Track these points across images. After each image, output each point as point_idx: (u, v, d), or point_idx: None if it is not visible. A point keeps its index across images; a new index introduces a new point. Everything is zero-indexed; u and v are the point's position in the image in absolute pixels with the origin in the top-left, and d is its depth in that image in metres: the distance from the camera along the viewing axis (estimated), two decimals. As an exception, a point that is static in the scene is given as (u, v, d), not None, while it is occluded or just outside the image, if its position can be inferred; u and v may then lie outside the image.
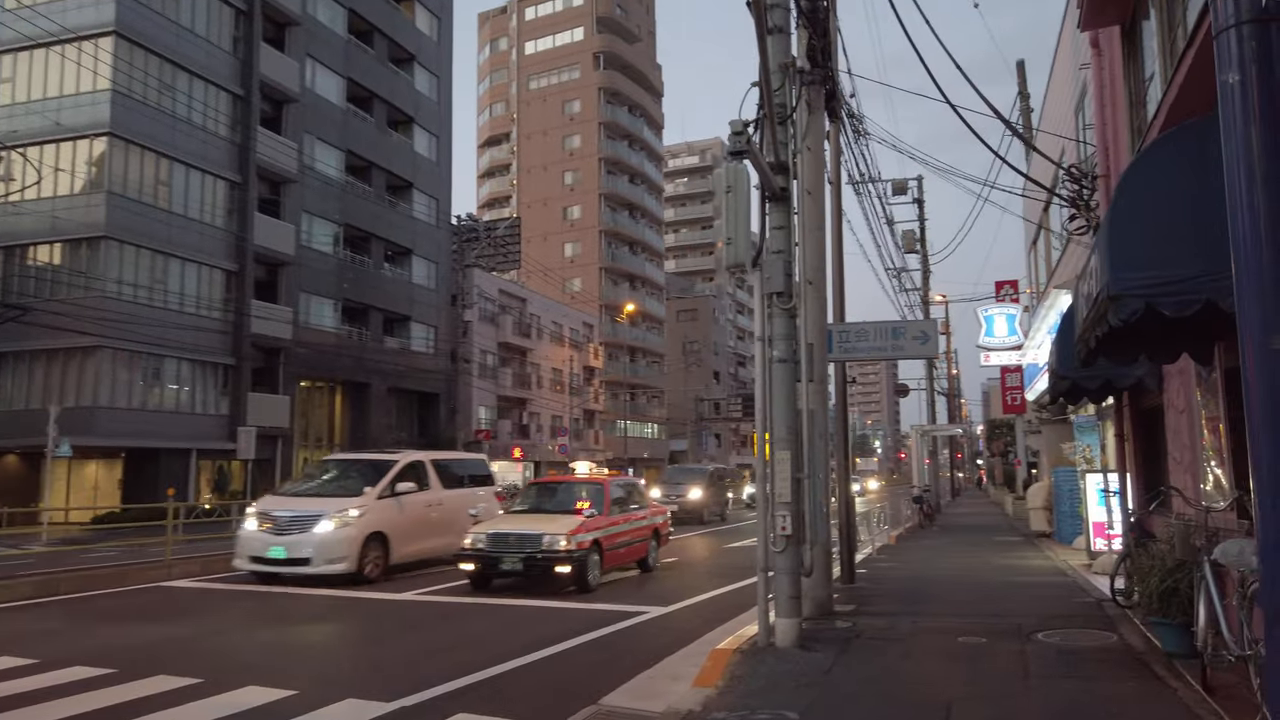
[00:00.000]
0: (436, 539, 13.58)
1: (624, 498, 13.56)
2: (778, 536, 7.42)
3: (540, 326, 54.16)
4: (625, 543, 12.81)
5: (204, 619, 9.58)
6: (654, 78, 76.58)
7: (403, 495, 13.23)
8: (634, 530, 13.25)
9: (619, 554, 12.60)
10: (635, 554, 13.35)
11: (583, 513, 12.03)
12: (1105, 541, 12.45)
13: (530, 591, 11.58)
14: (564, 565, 11.13)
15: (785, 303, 7.73)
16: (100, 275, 26.27)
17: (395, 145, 40.77)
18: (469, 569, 11.57)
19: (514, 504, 13.96)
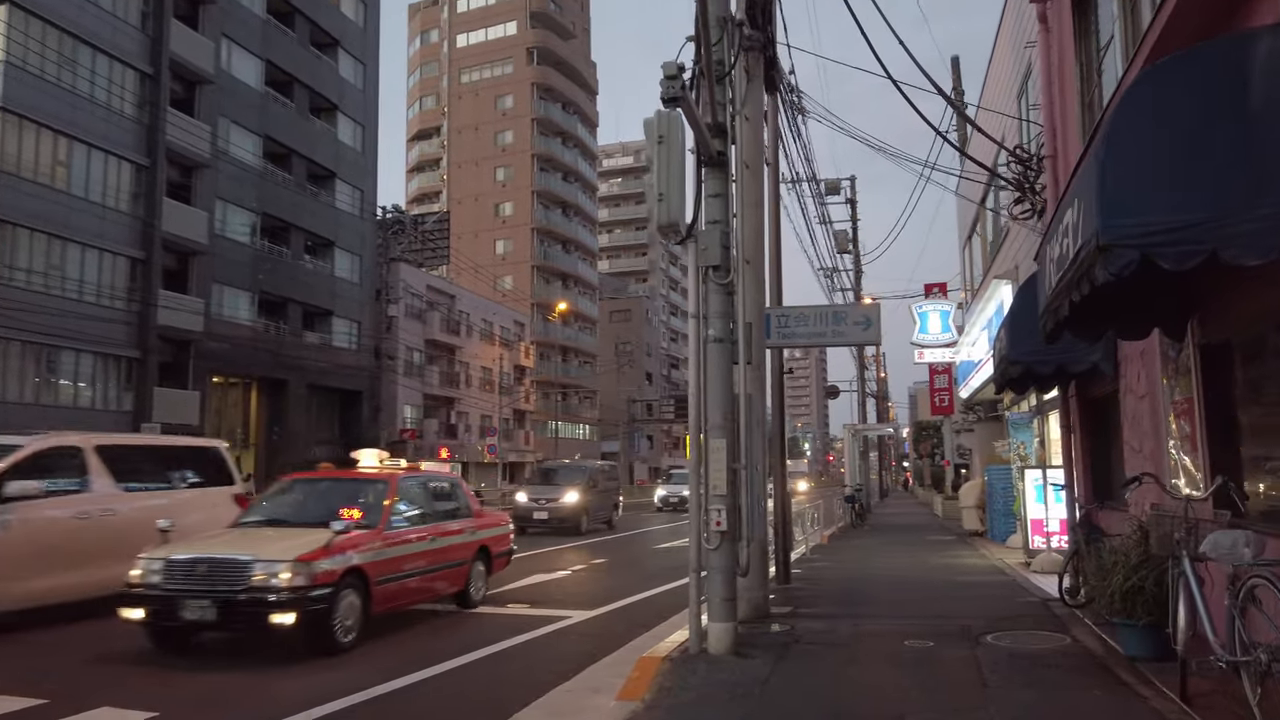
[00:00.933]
0: (93, 569, 8.41)
1: (427, 502, 9.37)
2: (712, 532, 6.77)
3: (470, 324, 52.92)
4: (422, 570, 8.56)
5: None
6: (588, 75, 75.86)
7: (15, 502, 8.18)
8: (440, 551, 8.94)
9: (410, 587, 8.40)
10: (442, 585, 9.08)
11: (338, 525, 7.43)
12: (1043, 539, 12.15)
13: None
14: (285, 612, 6.76)
15: (722, 277, 7.09)
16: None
17: (318, 133, 39.21)
18: (134, 616, 7.04)
19: (248, 512, 9.08)
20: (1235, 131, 3.43)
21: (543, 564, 14.52)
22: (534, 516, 21.01)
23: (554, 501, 21.44)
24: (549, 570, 13.61)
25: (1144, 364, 6.30)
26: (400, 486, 8.82)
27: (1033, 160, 9.62)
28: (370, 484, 8.89)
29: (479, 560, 9.85)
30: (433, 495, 9.65)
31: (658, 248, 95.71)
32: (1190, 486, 5.45)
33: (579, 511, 21.47)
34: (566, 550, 16.82)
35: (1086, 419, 8.71)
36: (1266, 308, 4.52)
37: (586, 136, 74.53)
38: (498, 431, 51.81)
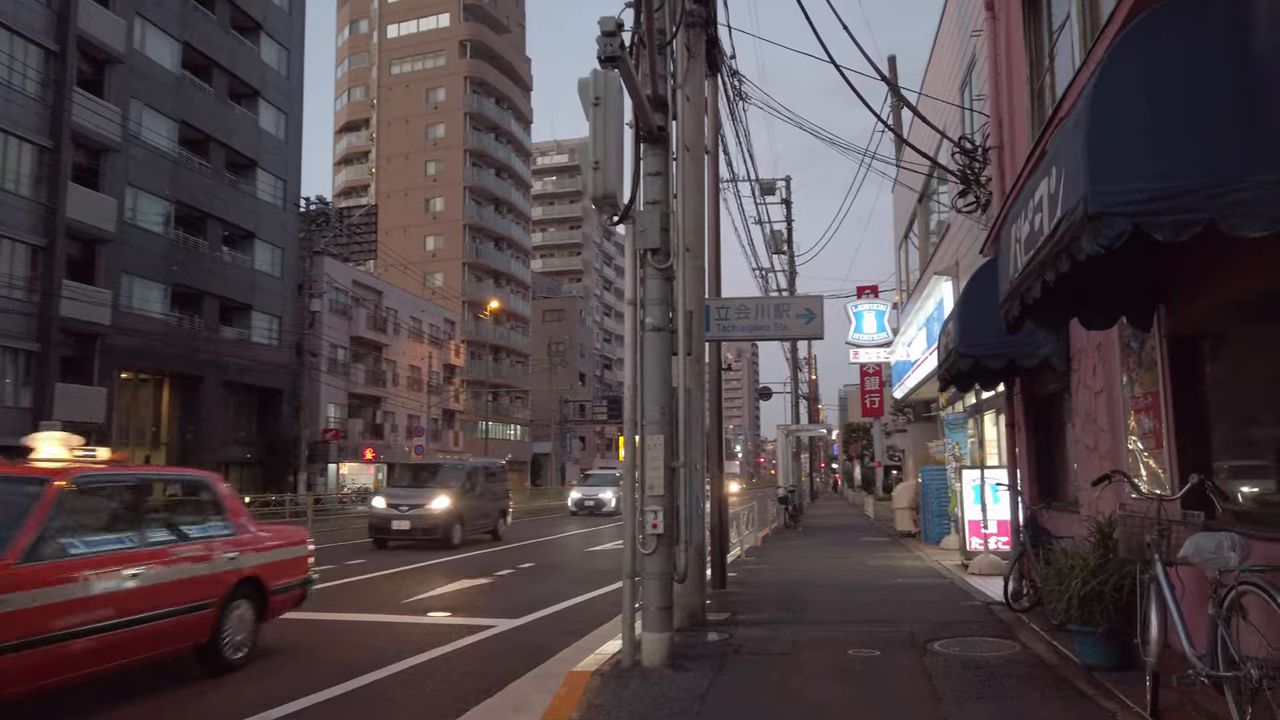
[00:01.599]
0: None
1: (135, 516, 6.13)
2: (648, 536, 6.29)
3: (397, 321, 51.55)
4: (112, 623, 5.48)
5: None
6: (523, 70, 74.87)
7: None
8: (154, 590, 5.85)
9: (81, 651, 5.28)
10: (164, 640, 5.98)
11: None
12: (981, 541, 11.98)
13: (363, 605, 10.07)
14: None
15: (661, 262, 6.62)
16: None
17: (238, 120, 37.63)
18: None
19: None
20: (1237, 87, 3.08)
21: (449, 572, 13.87)
22: (393, 526, 17.41)
23: (419, 508, 17.41)
24: (473, 576, 12.98)
25: (1100, 358, 6.03)
26: (66, 493, 5.56)
27: (978, 152, 9.39)
28: (12, 487, 5.64)
29: (242, 599, 6.77)
30: (150, 506, 6.49)
31: (592, 247, 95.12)
32: (1154, 486, 5.16)
33: (450, 520, 17.55)
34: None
35: (1032, 417, 8.49)
36: (1243, 295, 4.23)
37: (520, 133, 73.50)
38: (425, 431, 50.60)
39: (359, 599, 10.68)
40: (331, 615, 9.30)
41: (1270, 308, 4.13)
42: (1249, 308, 4.32)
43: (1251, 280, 4.16)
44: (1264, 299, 4.09)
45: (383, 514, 17.64)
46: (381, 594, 11.13)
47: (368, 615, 9.34)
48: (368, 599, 10.65)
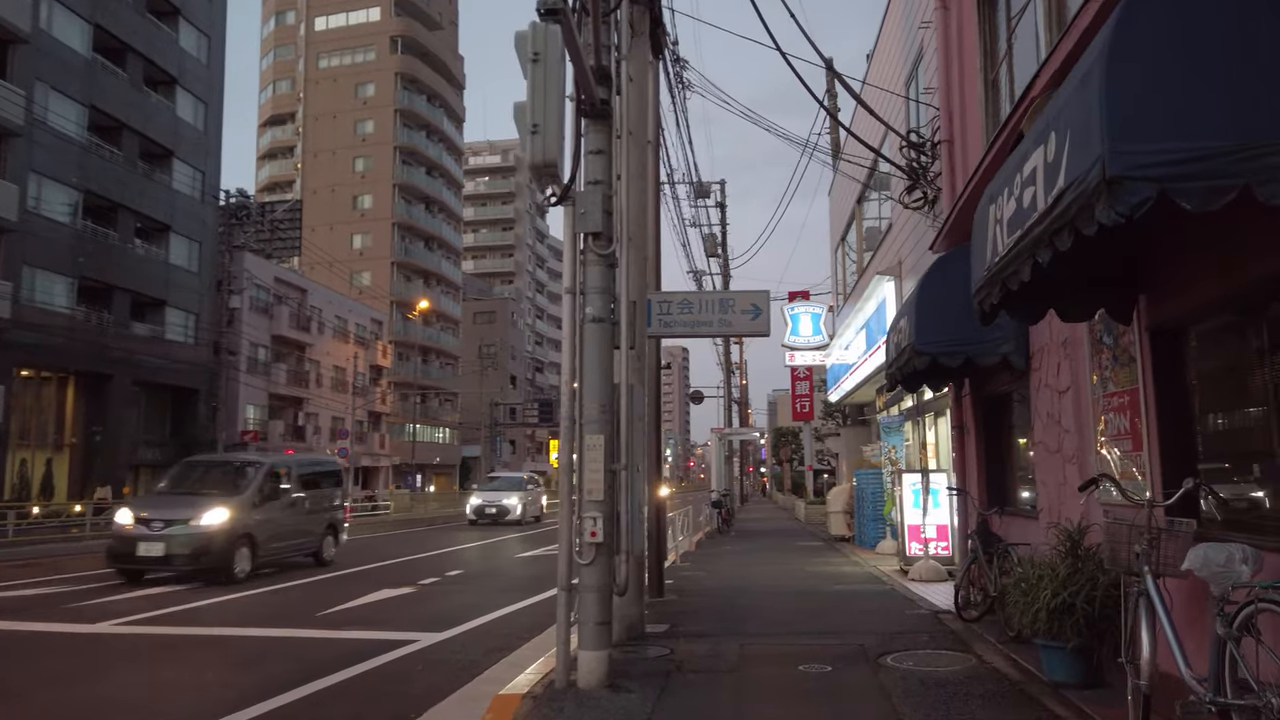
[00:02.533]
0: None
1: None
2: (585, 545, 5.77)
3: (322, 320, 49.94)
4: None
5: None
6: (455, 68, 73.61)
7: None
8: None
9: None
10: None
11: None
12: (920, 546, 11.75)
13: (275, 620, 9.33)
14: None
15: (603, 247, 6.12)
16: None
17: (153, 107, 35.88)
18: None
19: None
20: (1275, 39, 2.72)
21: (377, 579, 13.11)
22: (140, 552, 12.02)
23: (184, 524, 12.07)
24: (395, 585, 12.25)
25: (1067, 355, 5.73)
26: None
27: (926, 146, 9.13)
28: None
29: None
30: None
31: (525, 249, 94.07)
32: (1133, 491, 4.83)
33: (227, 542, 12.22)
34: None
35: (982, 419, 8.23)
36: (1238, 281, 3.91)
37: (452, 131, 72.21)
38: (350, 434, 49.09)
39: (273, 611, 9.92)
40: (235, 630, 8.55)
41: (1268, 295, 3.82)
42: (1244, 296, 4.00)
43: (1247, 264, 3.84)
44: (1261, 285, 3.77)
45: (129, 534, 12.22)
46: (295, 606, 10.37)
47: (282, 630, 8.60)
48: (283, 612, 9.89)
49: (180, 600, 10.65)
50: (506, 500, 28.05)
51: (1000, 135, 5.67)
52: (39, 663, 7.29)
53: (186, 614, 9.71)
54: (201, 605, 10.31)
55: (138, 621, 9.09)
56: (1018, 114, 5.17)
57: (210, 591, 11.50)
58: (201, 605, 10.31)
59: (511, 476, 32.87)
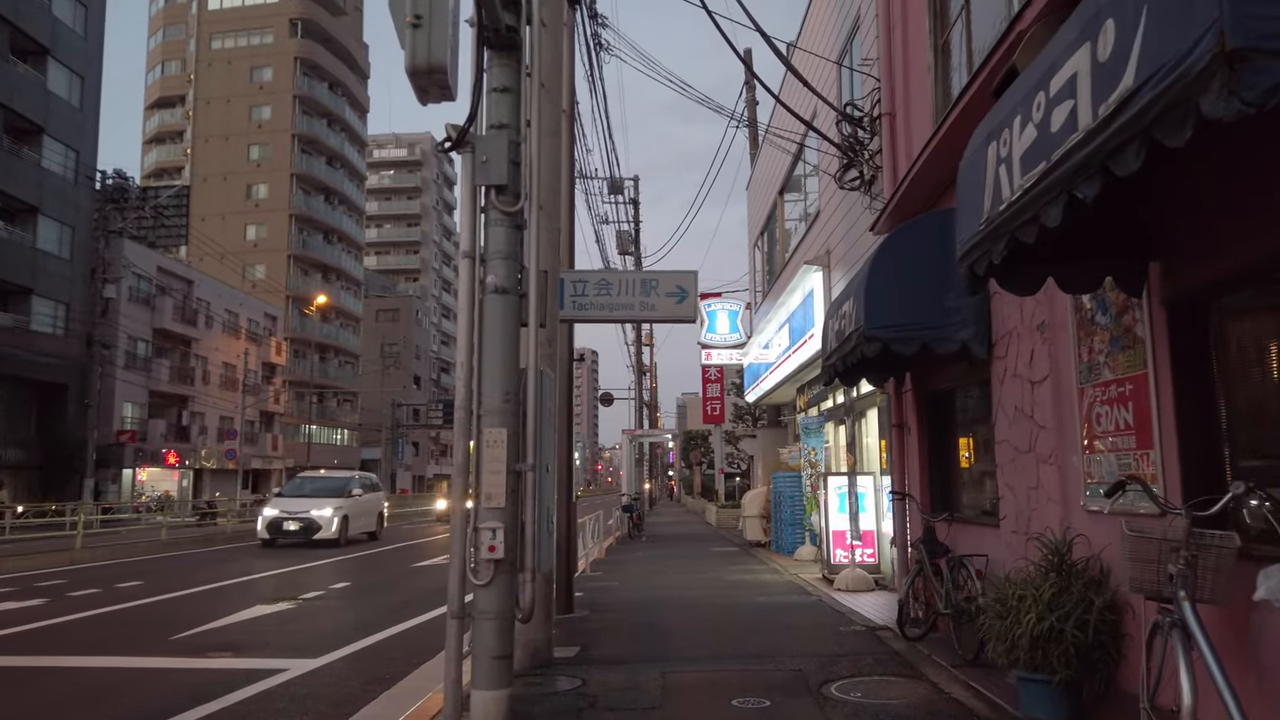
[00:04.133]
0: None
1: None
2: (482, 562, 4.75)
3: (210, 314, 47.08)
4: None
5: None
6: (359, 56, 70.97)
7: None
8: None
9: None
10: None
11: None
12: (846, 553, 11.08)
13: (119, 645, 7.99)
14: None
15: (508, 203, 5.12)
16: None
17: (21, 79, 32.98)
18: None
19: None
20: None
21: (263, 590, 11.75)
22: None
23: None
24: (271, 600, 10.92)
25: (1044, 339, 5.01)
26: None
27: (864, 120, 8.42)
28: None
29: None
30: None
31: (431, 246, 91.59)
32: (1144, 497, 4.09)
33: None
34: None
35: (926, 416, 7.53)
36: None
37: (355, 121, 69.53)
38: (239, 435, 46.39)
39: (121, 634, 8.54)
40: (76, 659, 7.19)
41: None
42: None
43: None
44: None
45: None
46: (153, 625, 8.99)
47: (125, 658, 7.28)
48: (132, 634, 8.51)
49: (13, 621, 9.14)
50: (317, 510, 20.11)
51: (974, 82, 4.91)
52: None
53: (17, 639, 8.26)
54: (32, 629, 8.84)
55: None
56: (1000, 51, 4.40)
57: (36, 612, 9.98)
58: (32, 629, 8.84)
59: (331, 477, 24.04)
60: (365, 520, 22.06)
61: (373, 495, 23.22)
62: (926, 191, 6.62)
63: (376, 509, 23.19)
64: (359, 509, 21.51)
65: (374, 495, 23.38)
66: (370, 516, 22.55)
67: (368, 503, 22.43)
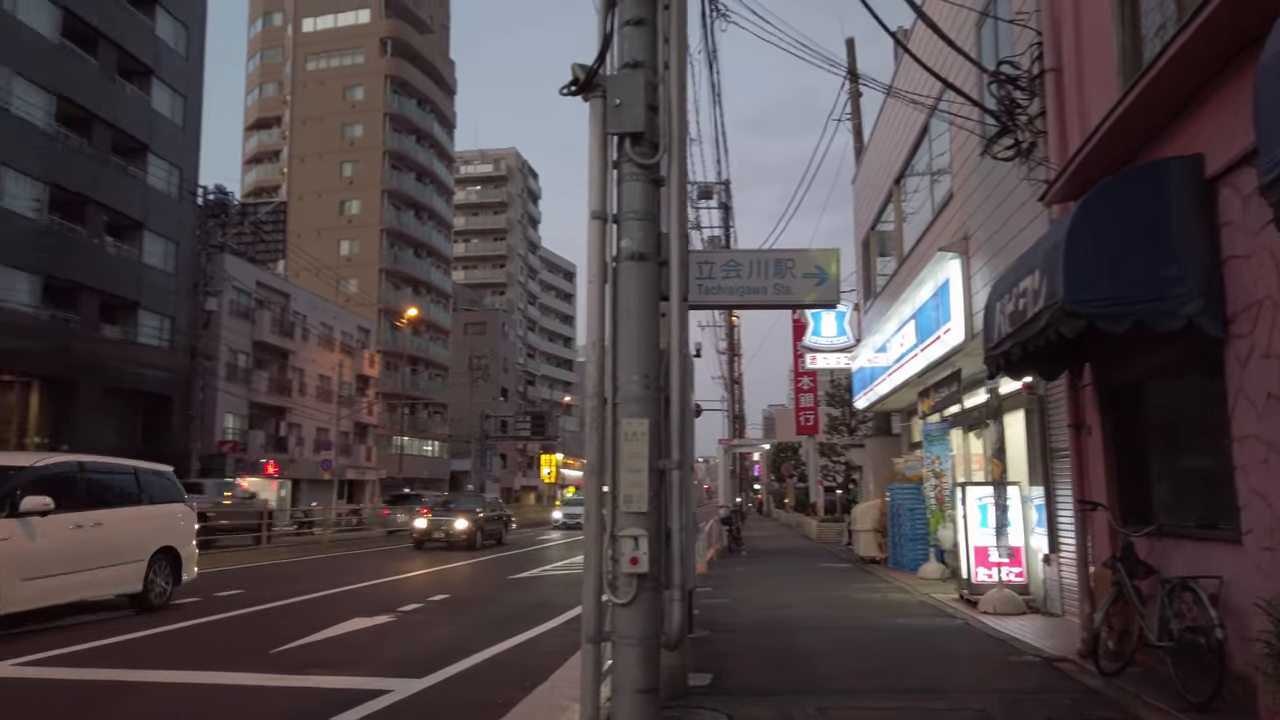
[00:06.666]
0: None
1: None
2: (623, 575, 3.98)
3: (306, 327, 48.00)
4: None
5: None
6: (446, 73, 72.06)
7: None
8: None
9: None
10: None
11: None
12: (989, 572, 9.97)
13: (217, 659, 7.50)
14: None
15: (646, 154, 4.37)
16: None
17: (127, 99, 34.04)
18: None
19: None
20: None
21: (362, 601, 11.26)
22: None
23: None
24: (370, 612, 10.39)
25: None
26: None
27: (1022, 79, 7.43)
28: None
29: None
30: None
31: (517, 260, 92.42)
32: None
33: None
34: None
35: (1112, 413, 6.48)
36: None
37: (443, 137, 70.56)
38: (335, 445, 47.07)
39: (220, 646, 8.08)
40: (172, 674, 6.69)
41: None
42: None
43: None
44: None
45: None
46: (252, 638, 8.53)
47: (223, 673, 6.76)
48: (232, 647, 8.04)
49: (118, 630, 8.79)
50: None
51: None
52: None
53: (117, 649, 7.88)
54: (133, 639, 8.46)
55: (51, 661, 7.26)
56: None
57: (131, 625, 9.64)
58: (133, 639, 8.46)
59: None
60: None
61: None
62: (1122, 147, 5.62)
63: None
64: None
65: None
66: None
67: None
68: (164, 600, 10.72)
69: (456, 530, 22.44)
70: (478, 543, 22.56)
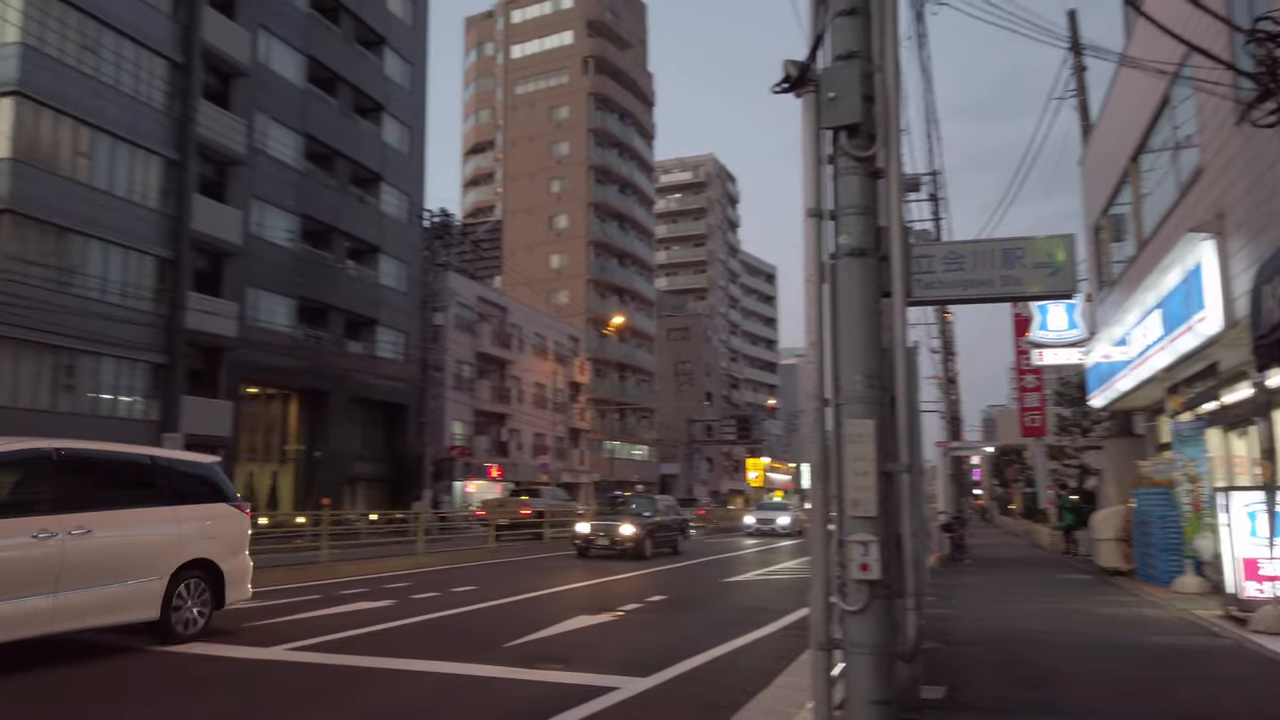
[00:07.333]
0: None
1: None
2: (852, 582, 3.86)
3: (522, 338, 50.56)
4: None
5: None
6: (645, 85, 73.68)
7: None
8: None
9: None
10: None
11: None
12: (1259, 586, 8.90)
13: (456, 649, 8.01)
14: None
15: (862, 146, 4.24)
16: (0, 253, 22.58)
17: (362, 133, 37.35)
18: None
19: None
20: None
21: (581, 600, 11.67)
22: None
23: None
24: (593, 610, 10.74)
25: None
26: None
27: (1289, 34, 6.57)
28: None
29: None
30: None
31: (717, 265, 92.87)
32: None
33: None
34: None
35: None
36: None
37: (643, 148, 72.21)
38: (551, 450, 49.24)
39: (458, 638, 8.63)
40: (416, 662, 7.21)
41: None
42: None
43: None
44: None
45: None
46: (486, 632, 9.05)
47: (462, 664, 7.19)
48: (468, 639, 8.56)
49: (366, 621, 9.61)
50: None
51: None
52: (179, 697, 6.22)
53: (366, 639, 8.59)
54: (380, 630, 9.19)
55: (313, 647, 8.01)
56: None
57: (385, 614, 10.44)
58: (380, 630, 9.19)
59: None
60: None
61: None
62: None
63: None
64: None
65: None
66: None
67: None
68: (195, 629, 8.31)
69: (621, 536, 20.20)
70: (647, 551, 20.42)
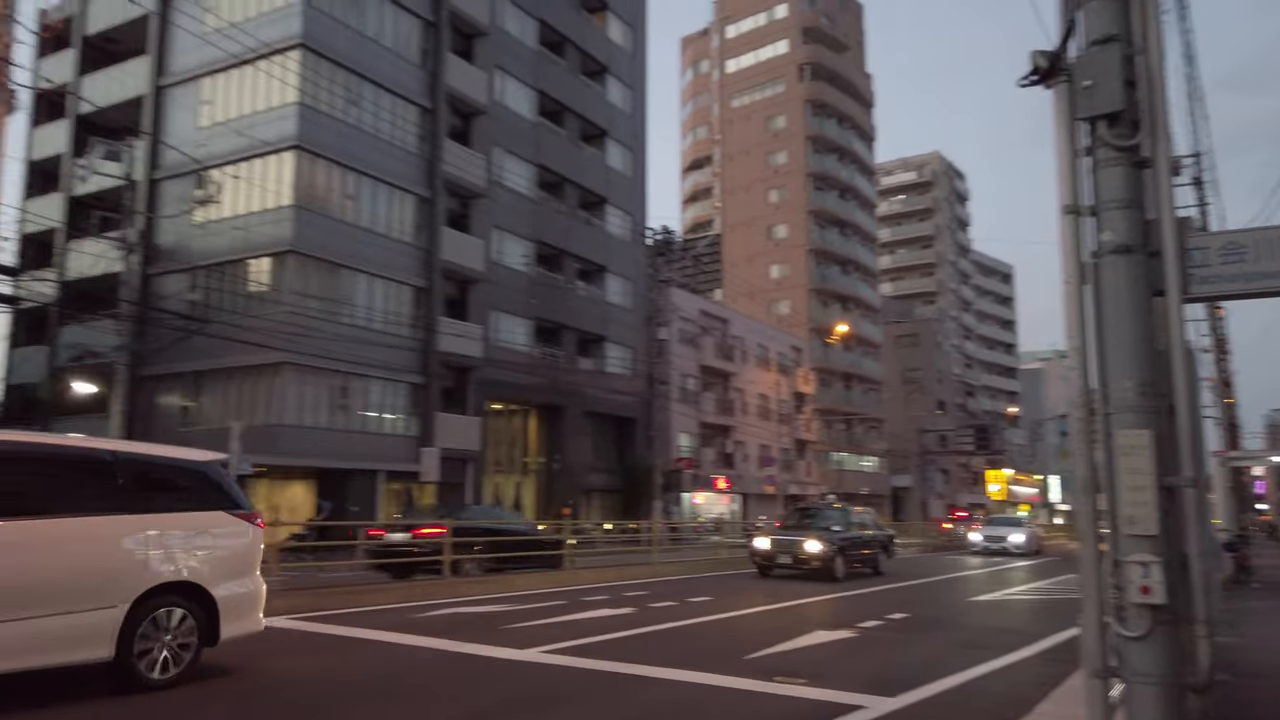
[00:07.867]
0: None
1: None
2: (1132, 607, 3.59)
3: (744, 349, 50.69)
4: None
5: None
6: (863, 87, 71.90)
7: None
8: None
9: None
10: None
11: None
12: None
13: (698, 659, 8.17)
14: None
15: (1124, 135, 3.95)
16: (285, 290, 25.64)
17: (588, 159, 39.06)
18: None
19: None
20: None
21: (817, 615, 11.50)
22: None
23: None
24: (830, 625, 10.58)
25: None
26: None
27: None
28: None
29: None
30: None
31: (947, 267, 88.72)
32: None
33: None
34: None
35: None
36: None
37: (863, 151, 70.42)
38: (776, 461, 48.95)
39: (698, 648, 8.80)
40: (660, 670, 7.43)
41: None
42: None
43: None
44: None
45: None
46: (725, 643, 9.17)
47: (704, 674, 7.33)
48: (708, 650, 8.71)
49: (611, 628, 10.01)
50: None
51: None
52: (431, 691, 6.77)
53: (614, 644, 8.95)
54: (626, 636, 9.54)
55: (565, 650, 8.46)
56: None
57: (628, 620, 10.79)
58: (626, 636, 9.54)
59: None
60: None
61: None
62: None
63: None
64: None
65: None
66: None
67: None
68: (171, 672, 6.30)
69: (806, 554, 17.74)
70: (839, 571, 17.63)
